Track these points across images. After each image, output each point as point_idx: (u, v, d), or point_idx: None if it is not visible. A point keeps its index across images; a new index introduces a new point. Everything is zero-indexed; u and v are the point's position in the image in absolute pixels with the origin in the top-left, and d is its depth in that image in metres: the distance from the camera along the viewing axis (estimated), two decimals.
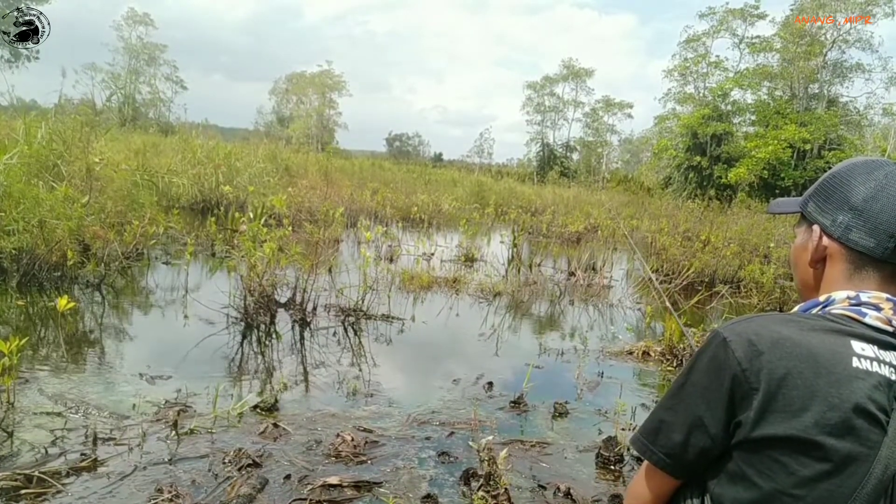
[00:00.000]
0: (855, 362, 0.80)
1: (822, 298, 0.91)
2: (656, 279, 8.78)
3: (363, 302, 5.79)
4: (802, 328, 0.84)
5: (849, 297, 0.87)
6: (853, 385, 0.78)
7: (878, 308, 0.85)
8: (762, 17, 29.27)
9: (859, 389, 0.78)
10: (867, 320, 0.85)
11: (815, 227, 0.94)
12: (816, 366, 0.80)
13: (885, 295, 0.86)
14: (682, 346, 5.17)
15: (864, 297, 0.86)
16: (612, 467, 3.20)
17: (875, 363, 0.80)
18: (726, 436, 0.85)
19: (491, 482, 2.75)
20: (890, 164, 0.89)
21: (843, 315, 0.86)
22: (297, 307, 5.49)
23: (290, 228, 5.99)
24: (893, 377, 0.81)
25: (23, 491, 2.44)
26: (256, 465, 2.83)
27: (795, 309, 0.96)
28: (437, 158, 55.61)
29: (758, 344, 0.83)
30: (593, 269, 9.17)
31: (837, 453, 0.77)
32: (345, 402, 3.79)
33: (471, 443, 3.22)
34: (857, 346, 0.82)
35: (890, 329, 0.84)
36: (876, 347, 0.82)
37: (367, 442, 3.19)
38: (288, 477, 2.77)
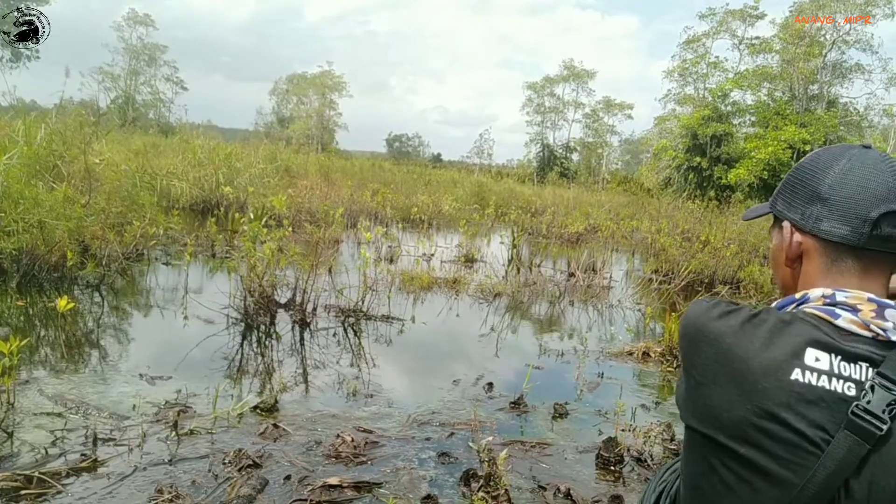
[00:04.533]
0: (795, 374, 0.74)
1: (797, 296, 0.85)
2: (656, 279, 8.80)
3: (363, 302, 5.79)
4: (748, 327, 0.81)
5: (824, 296, 0.80)
6: (780, 398, 0.74)
7: (854, 310, 0.77)
8: (761, 17, 29.28)
9: (785, 403, 0.73)
10: (839, 322, 0.77)
11: (786, 225, 0.89)
12: (745, 372, 0.77)
13: (865, 294, 0.78)
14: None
15: (840, 297, 0.79)
16: (613, 468, 3.20)
17: (825, 377, 0.73)
18: None
19: (491, 483, 2.75)
20: (854, 148, 0.84)
21: (814, 315, 0.79)
22: (296, 308, 5.49)
23: (290, 229, 5.99)
24: (851, 392, 0.72)
25: (23, 491, 2.44)
26: (256, 465, 2.83)
27: (773, 305, 0.90)
28: (437, 159, 55.55)
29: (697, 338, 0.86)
30: (593, 269, 9.17)
31: (758, 465, 0.74)
32: (345, 403, 3.79)
33: (471, 443, 3.22)
34: (812, 355, 0.75)
35: (867, 334, 0.76)
36: (839, 359, 0.74)
37: (367, 442, 3.19)
38: (288, 477, 2.77)
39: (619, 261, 11.42)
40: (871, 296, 0.78)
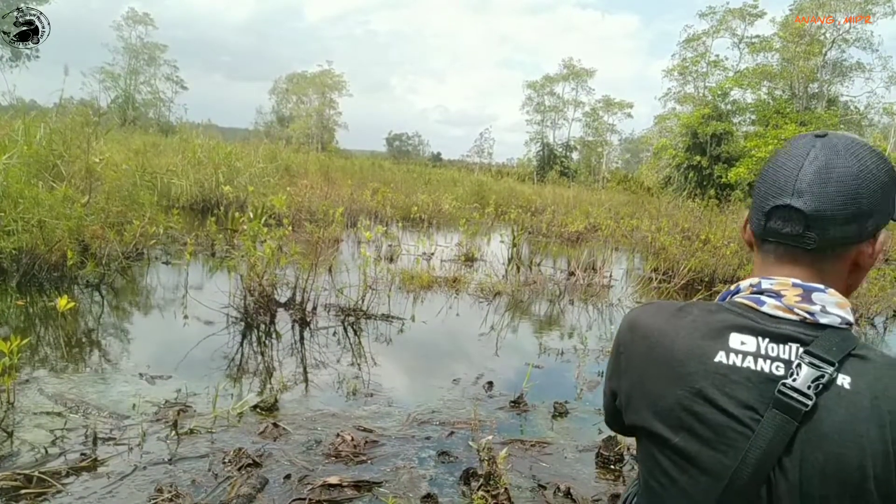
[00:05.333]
0: (719, 357, 0.76)
1: (732, 287, 0.87)
2: (656, 278, 8.79)
3: (363, 302, 5.79)
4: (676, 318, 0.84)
5: (751, 285, 0.83)
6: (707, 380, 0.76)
7: (778, 295, 0.78)
8: (760, 15, 29.29)
9: (711, 384, 0.76)
10: (765, 309, 0.78)
11: (745, 216, 0.91)
12: (672, 360, 0.81)
13: (790, 280, 0.79)
14: None
15: (765, 284, 0.80)
16: (612, 467, 3.20)
17: (750, 358, 0.75)
18: None
19: (491, 482, 2.75)
20: (803, 138, 0.81)
21: (740, 304, 0.81)
22: (296, 307, 5.49)
23: (289, 228, 5.99)
24: (779, 371, 0.74)
25: (23, 491, 2.44)
26: (256, 464, 2.84)
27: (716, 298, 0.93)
28: (437, 158, 55.52)
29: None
30: (593, 268, 9.16)
31: (685, 450, 0.77)
32: (345, 402, 3.79)
33: (471, 442, 3.22)
34: (736, 339, 0.77)
35: (793, 317, 0.77)
36: (767, 341, 0.76)
37: (366, 442, 3.19)
38: (288, 477, 2.77)
39: (619, 259, 11.41)
40: (797, 281, 0.78)
